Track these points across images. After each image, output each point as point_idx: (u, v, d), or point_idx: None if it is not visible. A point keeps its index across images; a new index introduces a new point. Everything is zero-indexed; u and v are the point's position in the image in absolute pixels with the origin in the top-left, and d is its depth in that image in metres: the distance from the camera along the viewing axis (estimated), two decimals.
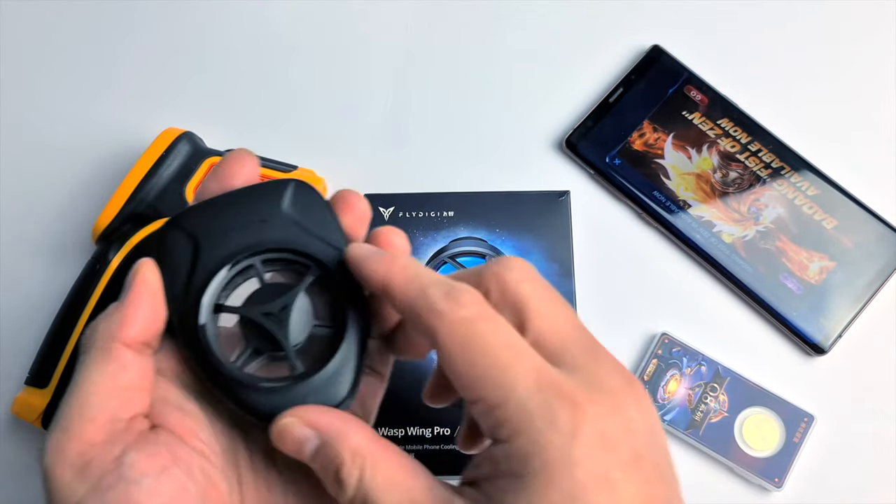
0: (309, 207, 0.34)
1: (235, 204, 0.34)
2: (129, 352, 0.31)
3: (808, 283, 0.54)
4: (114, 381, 0.30)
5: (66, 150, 0.58)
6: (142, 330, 0.31)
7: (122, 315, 0.31)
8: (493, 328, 0.29)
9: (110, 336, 0.31)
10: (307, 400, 0.31)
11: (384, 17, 0.61)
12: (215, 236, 0.33)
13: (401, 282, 0.31)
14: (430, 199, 0.54)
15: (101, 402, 0.30)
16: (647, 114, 0.57)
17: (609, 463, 0.28)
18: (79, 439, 0.29)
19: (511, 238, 0.53)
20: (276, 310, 0.32)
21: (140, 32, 0.61)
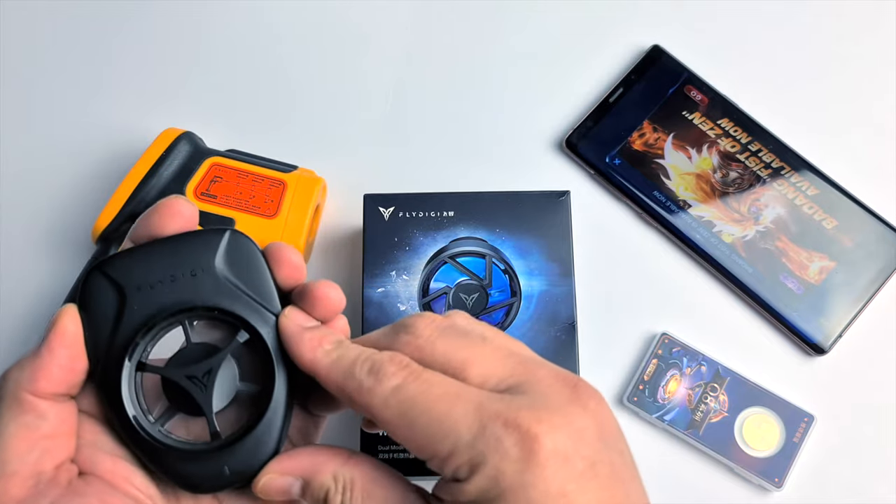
0: (243, 261, 0.33)
1: (165, 254, 0.32)
2: (44, 402, 0.30)
3: (808, 283, 0.54)
4: (32, 432, 0.29)
5: (65, 150, 0.58)
6: (56, 382, 0.30)
7: (35, 366, 0.30)
8: (422, 387, 0.30)
9: (23, 388, 0.30)
10: (231, 465, 0.31)
11: (384, 17, 0.61)
12: (142, 289, 0.32)
13: (326, 367, 0.32)
14: (430, 199, 0.54)
15: (21, 454, 0.29)
16: (647, 114, 0.57)
17: (563, 477, 0.28)
18: (3, 496, 0.28)
19: (511, 238, 0.53)
20: (201, 374, 0.32)
21: (140, 32, 0.61)
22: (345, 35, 0.61)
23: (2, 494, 0.28)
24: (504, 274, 0.52)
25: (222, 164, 0.53)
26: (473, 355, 0.31)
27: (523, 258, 0.53)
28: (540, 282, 0.52)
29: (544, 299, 0.52)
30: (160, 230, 0.33)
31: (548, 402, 0.30)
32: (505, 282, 0.52)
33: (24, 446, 0.29)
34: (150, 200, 0.52)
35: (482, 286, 0.52)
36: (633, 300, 0.55)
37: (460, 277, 0.52)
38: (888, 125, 0.58)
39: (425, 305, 0.52)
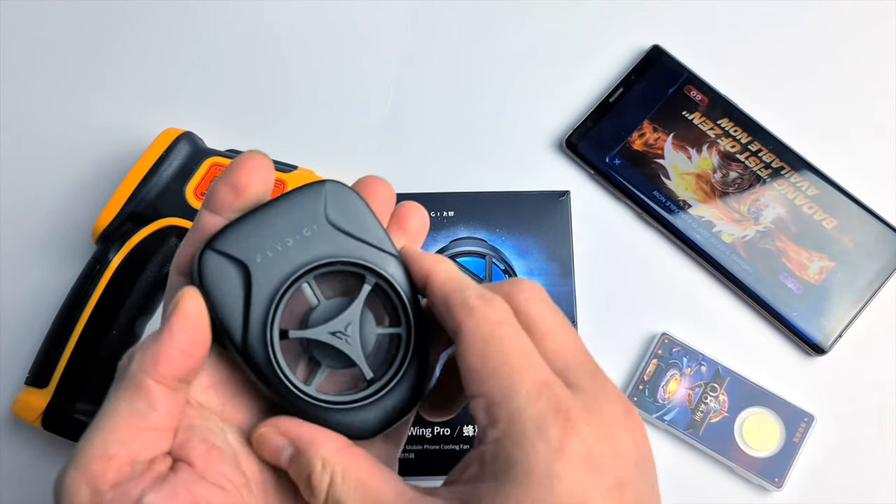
0: (348, 209, 0.33)
1: (275, 219, 0.32)
2: (160, 389, 0.30)
3: (808, 283, 0.54)
4: (140, 421, 0.29)
5: (65, 150, 0.58)
6: (178, 366, 0.30)
7: (157, 350, 0.30)
8: (515, 334, 0.31)
9: (143, 371, 0.30)
10: (391, 404, 0.33)
11: (384, 17, 0.61)
12: (263, 259, 0.32)
13: (442, 277, 0.33)
14: (430, 199, 0.54)
15: (124, 441, 0.29)
16: (647, 114, 0.57)
17: (590, 484, 0.28)
18: (97, 478, 0.28)
19: (511, 238, 0.53)
20: (343, 327, 0.32)
21: (140, 32, 0.61)
22: (345, 35, 0.61)
23: (99, 476, 0.29)
24: (504, 274, 0.52)
25: (222, 164, 0.53)
26: (557, 332, 0.32)
27: (523, 258, 0.53)
28: (540, 282, 0.52)
29: None
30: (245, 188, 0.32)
31: (602, 410, 0.30)
32: None
33: (130, 433, 0.29)
34: (150, 200, 0.52)
35: None
36: (633, 300, 0.55)
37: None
38: (888, 125, 0.58)
39: None
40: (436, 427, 0.51)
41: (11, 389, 0.54)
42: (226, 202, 0.32)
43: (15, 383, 0.54)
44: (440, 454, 0.50)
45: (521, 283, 0.33)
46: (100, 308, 0.51)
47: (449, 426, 0.51)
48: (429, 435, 0.51)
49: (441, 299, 0.32)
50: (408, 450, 0.50)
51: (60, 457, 0.53)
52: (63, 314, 0.52)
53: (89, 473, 0.28)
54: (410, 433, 0.51)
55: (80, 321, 0.51)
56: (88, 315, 0.51)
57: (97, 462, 0.29)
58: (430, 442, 0.51)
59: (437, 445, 0.51)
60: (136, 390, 0.29)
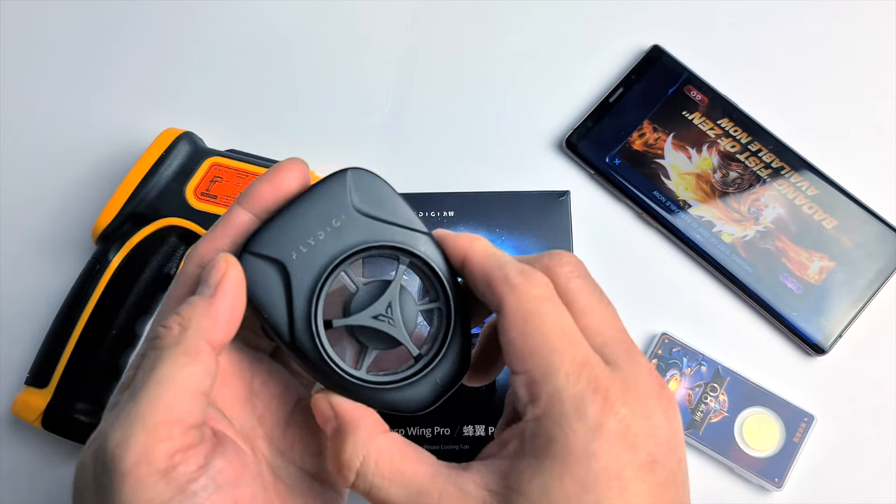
0: (373, 194, 0.34)
1: (305, 215, 0.33)
2: (213, 354, 0.31)
3: (808, 283, 0.54)
4: (197, 386, 0.30)
5: (65, 150, 0.58)
6: (229, 331, 0.31)
7: (212, 313, 0.31)
8: (555, 311, 0.31)
9: (200, 335, 0.30)
10: (440, 377, 0.34)
11: (384, 17, 0.61)
12: (298, 256, 0.33)
13: (480, 255, 0.33)
14: (430, 199, 0.54)
15: (187, 405, 0.29)
16: (647, 114, 0.57)
17: (625, 462, 0.29)
18: (168, 441, 0.28)
19: (511, 238, 0.53)
20: (384, 309, 0.33)
21: (140, 32, 0.61)
22: (345, 35, 0.61)
23: (167, 438, 0.29)
24: None
25: (222, 164, 0.53)
26: (595, 308, 0.32)
27: None
28: None
29: None
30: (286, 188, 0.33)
31: (638, 388, 0.31)
32: None
33: (192, 397, 0.30)
34: (150, 200, 0.52)
35: None
36: (633, 300, 0.55)
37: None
38: (888, 125, 0.58)
39: None
40: (436, 427, 0.51)
41: (11, 389, 0.54)
42: (263, 201, 0.33)
43: (15, 383, 0.54)
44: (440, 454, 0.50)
45: (560, 256, 0.33)
46: (100, 308, 0.51)
47: (449, 426, 0.51)
48: (429, 435, 0.51)
49: (482, 277, 0.33)
50: None
51: (60, 457, 0.53)
52: (63, 314, 0.52)
53: (158, 436, 0.28)
54: (410, 433, 0.51)
55: (80, 321, 0.51)
56: (88, 315, 0.51)
57: (166, 426, 0.29)
58: (430, 442, 0.51)
59: (437, 445, 0.51)
60: (194, 356, 0.30)
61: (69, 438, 0.50)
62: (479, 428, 0.50)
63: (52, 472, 0.53)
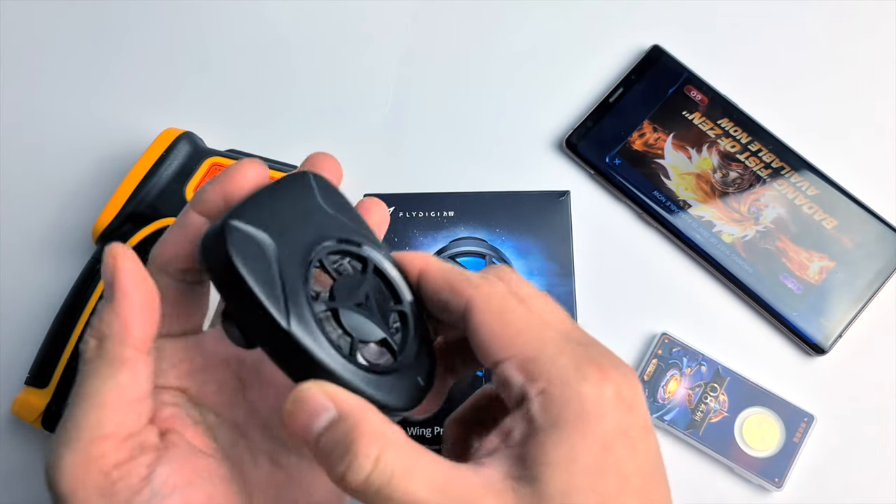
0: (335, 201, 0.33)
1: (280, 199, 0.31)
2: (139, 357, 0.29)
3: (808, 283, 0.54)
4: (126, 394, 0.29)
5: (66, 150, 0.58)
6: (145, 326, 0.29)
7: (124, 317, 0.29)
8: (521, 304, 0.31)
9: (121, 342, 0.29)
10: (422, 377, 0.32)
11: (384, 17, 0.61)
12: (285, 234, 0.30)
13: (437, 266, 0.33)
14: (430, 199, 0.54)
15: (117, 417, 0.28)
16: (647, 114, 0.57)
17: (630, 422, 0.30)
18: (99, 460, 0.27)
19: (511, 238, 0.53)
20: (363, 300, 0.32)
21: (140, 32, 0.61)
22: (345, 35, 0.61)
23: (101, 458, 0.28)
24: None
25: (222, 164, 0.53)
26: (549, 308, 0.32)
27: (523, 258, 0.53)
28: (540, 282, 0.52)
29: None
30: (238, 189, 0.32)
31: (613, 361, 0.31)
32: None
33: (120, 408, 0.28)
34: (150, 200, 0.52)
35: None
36: (633, 300, 0.55)
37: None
38: (888, 125, 0.58)
39: None
40: (436, 427, 0.51)
41: (11, 389, 0.54)
42: (216, 206, 0.32)
43: (15, 383, 0.54)
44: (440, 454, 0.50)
45: (502, 269, 0.33)
46: None
47: None
48: (429, 435, 0.51)
49: (444, 283, 0.32)
50: None
51: None
52: (63, 314, 0.52)
53: (90, 456, 0.27)
54: (411, 434, 0.51)
55: (80, 321, 0.51)
56: (88, 315, 0.51)
57: (95, 444, 0.28)
58: (430, 442, 0.51)
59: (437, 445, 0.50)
60: (118, 364, 0.29)
61: None
62: None
63: None
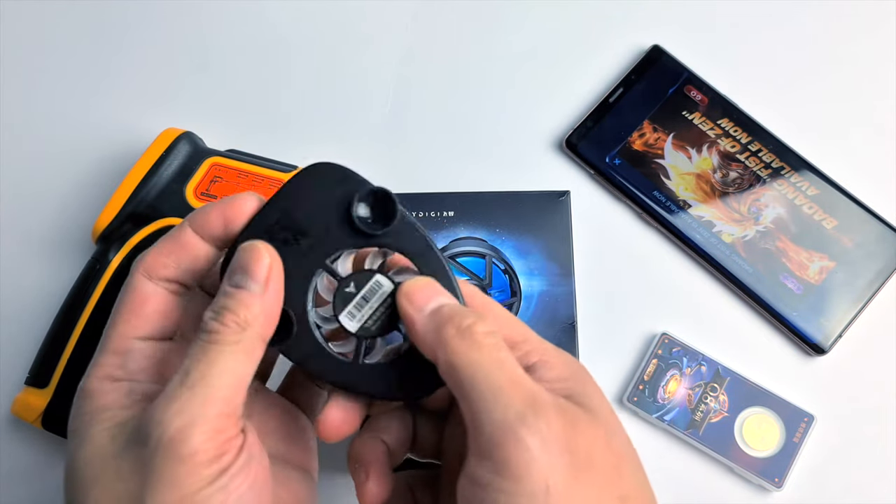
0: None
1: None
2: (263, 349, 0.32)
3: (808, 283, 0.54)
4: (247, 379, 0.32)
5: (66, 150, 0.58)
6: (274, 325, 0.33)
7: (266, 311, 0.32)
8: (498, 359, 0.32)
9: (257, 334, 0.32)
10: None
11: (384, 17, 0.61)
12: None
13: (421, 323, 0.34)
14: (430, 199, 0.54)
15: (239, 398, 0.31)
16: (647, 114, 0.57)
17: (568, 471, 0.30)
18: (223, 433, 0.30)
19: (511, 238, 0.53)
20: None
21: (140, 32, 0.61)
22: (345, 35, 0.61)
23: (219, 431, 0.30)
24: (504, 274, 0.52)
25: (222, 164, 0.53)
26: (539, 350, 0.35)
27: (523, 258, 0.53)
28: (540, 282, 0.52)
29: (544, 299, 0.52)
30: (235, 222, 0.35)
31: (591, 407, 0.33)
32: (505, 282, 0.52)
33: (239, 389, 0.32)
34: (150, 200, 0.52)
35: (482, 286, 0.52)
36: (633, 300, 0.55)
37: (460, 277, 0.52)
38: (888, 125, 0.58)
39: None
40: None
41: (11, 389, 0.54)
42: (211, 229, 0.34)
43: (15, 383, 0.54)
44: None
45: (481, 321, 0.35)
46: (100, 308, 0.51)
47: None
48: None
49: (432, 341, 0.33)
50: None
51: (60, 457, 0.53)
52: (63, 314, 0.52)
53: (216, 429, 0.30)
54: None
55: (80, 321, 0.51)
56: (88, 315, 0.51)
57: (222, 419, 0.30)
58: None
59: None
60: (250, 353, 0.32)
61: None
62: None
63: (52, 472, 0.53)
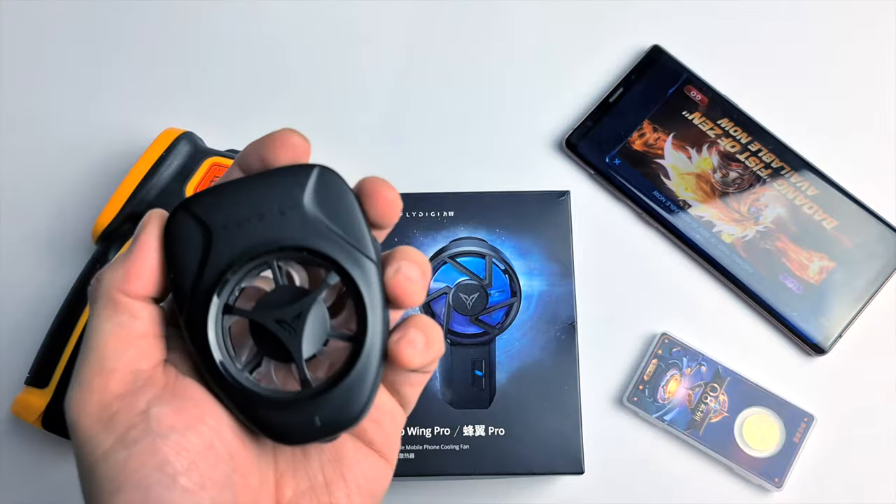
0: (333, 199, 0.31)
1: (252, 191, 0.30)
2: (136, 302, 0.30)
3: (808, 283, 0.54)
4: (127, 331, 0.30)
5: (65, 150, 0.58)
6: (147, 283, 0.30)
7: (127, 267, 0.30)
8: None
9: (116, 287, 0.30)
10: (322, 416, 0.30)
11: (384, 17, 0.61)
12: (229, 228, 0.30)
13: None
14: (430, 199, 0.54)
15: (117, 352, 0.29)
16: (647, 114, 0.57)
17: None
18: (100, 391, 0.29)
19: (511, 238, 0.53)
20: (290, 317, 0.30)
21: (140, 32, 0.61)
22: (345, 35, 0.61)
23: (102, 390, 0.29)
24: (504, 274, 0.52)
25: (222, 164, 0.53)
26: None
27: (523, 258, 0.53)
28: (540, 282, 0.52)
29: (544, 299, 0.52)
30: (271, 160, 0.31)
31: None
32: (505, 282, 0.52)
33: (120, 344, 0.30)
34: (150, 200, 0.52)
35: (482, 286, 0.52)
36: (633, 300, 0.55)
37: (460, 277, 0.52)
38: (888, 125, 0.58)
39: (425, 306, 0.52)
40: (436, 427, 0.51)
41: (11, 389, 0.54)
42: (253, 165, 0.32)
43: (15, 383, 0.54)
44: (440, 454, 0.50)
45: None
46: None
47: (449, 427, 0.51)
48: (429, 435, 0.51)
49: None
50: (408, 449, 0.50)
51: (60, 457, 0.53)
52: (63, 314, 0.52)
53: (92, 389, 0.29)
54: (411, 433, 0.51)
55: (80, 321, 0.51)
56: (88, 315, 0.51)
57: (97, 378, 0.29)
58: (429, 442, 0.51)
59: (437, 445, 0.51)
60: (114, 306, 0.30)
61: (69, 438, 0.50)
62: (479, 428, 0.50)
63: (52, 472, 0.53)
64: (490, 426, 0.51)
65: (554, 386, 0.51)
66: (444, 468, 0.50)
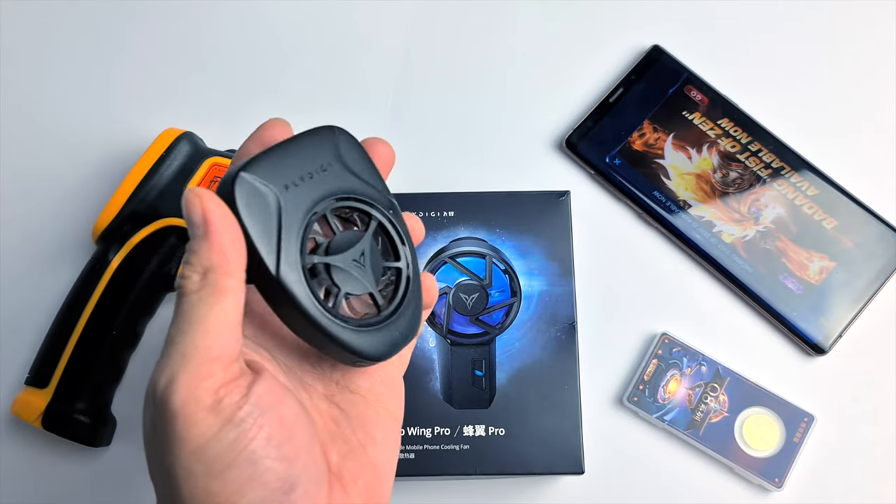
0: (354, 155, 0.36)
1: (294, 154, 0.34)
2: (239, 286, 0.31)
3: (808, 283, 0.54)
4: (230, 319, 0.31)
5: (65, 150, 0.58)
6: (239, 258, 0.32)
7: (216, 249, 0.31)
8: None
9: (218, 273, 0.31)
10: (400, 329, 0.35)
11: (384, 18, 0.61)
12: (290, 188, 0.33)
13: None
14: (430, 199, 0.54)
15: (224, 341, 0.31)
16: (647, 114, 0.57)
17: None
18: (210, 378, 0.30)
19: (511, 238, 0.53)
20: (358, 256, 0.35)
21: (140, 32, 0.61)
22: (345, 35, 0.61)
23: (210, 377, 0.30)
24: (504, 274, 0.52)
25: (222, 164, 0.53)
26: None
27: (523, 258, 0.53)
28: (540, 282, 0.52)
29: (544, 299, 0.52)
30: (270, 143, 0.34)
31: None
32: (505, 282, 0.52)
33: (225, 331, 0.31)
34: (150, 200, 0.52)
35: (482, 286, 0.52)
36: (633, 300, 0.55)
37: (460, 277, 0.52)
38: (888, 125, 0.58)
39: None
40: (436, 427, 0.51)
41: (11, 389, 0.54)
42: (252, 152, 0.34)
43: (15, 383, 0.54)
44: (440, 454, 0.50)
45: None
46: (100, 308, 0.51)
47: (449, 426, 0.51)
48: (429, 435, 0.51)
49: None
50: (408, 449, 0.50)
51: (60, 457, 0.53)
52: (63, 314, 0.52)
53: (201, 375, 0.30)
54: (410, 433, 0.51)
55: (80, 321, 0.51)
56: (88, 315, 0.51)
57: (206, 365, 0.30)
58: (429, 442, 0.51)
59: (437, 445, 0.51)
60: (220, 293, 0.31)
61: (69, 438, 0.50)
62: (480, 428, 0.51)
63: (52, 472, 0.53)
64: (490, 426, 0.51)
65: (554, 386, 0.51)
66: (444, 468, 0.50)
